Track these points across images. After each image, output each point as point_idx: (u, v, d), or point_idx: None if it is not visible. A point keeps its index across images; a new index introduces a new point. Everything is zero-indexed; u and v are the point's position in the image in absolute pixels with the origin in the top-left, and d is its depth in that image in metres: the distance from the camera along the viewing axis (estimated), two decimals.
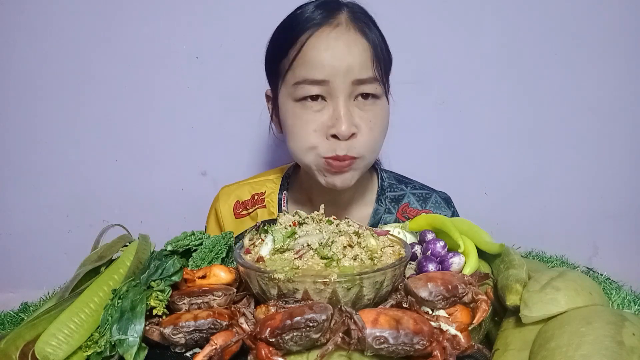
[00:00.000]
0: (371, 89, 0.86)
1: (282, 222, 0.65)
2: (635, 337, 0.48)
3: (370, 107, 0.87)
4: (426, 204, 1.02)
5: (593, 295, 0.57)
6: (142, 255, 0.67)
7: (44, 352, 0.51)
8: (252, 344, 0.51)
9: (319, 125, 0.85)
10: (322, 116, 0.85)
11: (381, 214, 1.00)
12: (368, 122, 0.86)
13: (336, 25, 0.85)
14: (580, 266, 0.95)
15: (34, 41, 1.23)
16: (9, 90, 1.25)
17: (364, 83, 0.85)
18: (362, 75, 0.84)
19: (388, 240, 0.66)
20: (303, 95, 0.85)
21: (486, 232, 0.74)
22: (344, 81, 0.83)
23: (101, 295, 0.59)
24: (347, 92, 0.84)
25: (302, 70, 0.84)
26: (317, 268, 0.56)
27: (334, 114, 0.84)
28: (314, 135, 0.85)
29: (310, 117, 0.85)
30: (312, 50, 0.84)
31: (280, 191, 1.03)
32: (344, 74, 0.83)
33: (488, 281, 0.65)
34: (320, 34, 0.84)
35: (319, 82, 0.83)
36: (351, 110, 0.85)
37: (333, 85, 0.83)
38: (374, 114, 0.87)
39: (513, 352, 0.53)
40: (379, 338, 0.48)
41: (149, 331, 0.56)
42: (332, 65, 0.82)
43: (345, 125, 0.82)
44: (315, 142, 0.86)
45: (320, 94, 0.85)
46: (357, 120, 0.85)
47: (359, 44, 0.85)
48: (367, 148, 0.87)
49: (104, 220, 1.27)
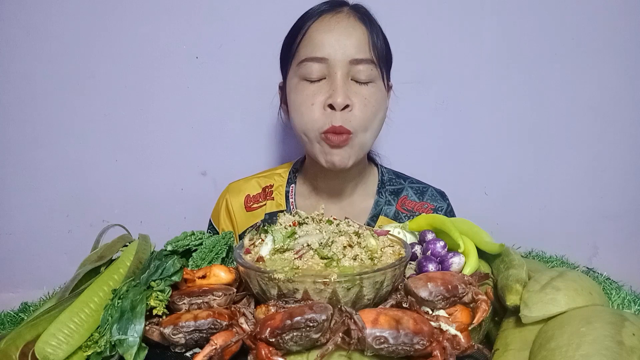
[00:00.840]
0: (367, 71, 0.92)
1: (282, 222, 0.65)
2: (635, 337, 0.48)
3: (365, 87, 0.93)
4: (423, 196, 1.08)
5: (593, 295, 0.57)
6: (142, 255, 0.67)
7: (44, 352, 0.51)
8: (252, 344, 0.51)
9: (318, 99, 0.92)
10: (321, 91, 0.92)
11: (382, 206, 1.06)
12: (363, 99, 0.92)
13: (338, 12, 0.95)
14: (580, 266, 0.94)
15: (34, 41, 1.23)
16: (9, 90, 1.25)
17: (361, 63, 0.91)
18: (359, 56, 0.91)
19: (388, 240, 0.66)
20: (307, 73, 0.93)
21: (486, 232, 0.74)
22: (342, 59, 0.91)
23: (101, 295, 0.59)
24: (344, 70, 0.91)
25: (306, 50, 0.93)
26: (317, 268, 0.56)
27: (332, 87, 0.91)
28: (312, 109, 0.92)
29: (310, 92, 0.93)
30: (315, 32, 0.93)
31: (288, 184, 1.08)
32: (342, 52, 0.90)
33: (488, 281, 0.65)
34: (323, 19, 0.94)
35: (319, 59, 0.91)
36: (348, 87, 0.92)
37: (332, 63, 0.91)
38: (369, 93, 0.93)
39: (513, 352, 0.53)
40: (379, 338, 0.48)
41: (149, 331, 0.56)
42: (331, 44, 0.91)
43: (341, 96, 0.89)
44: (315, 115, 0.92)
45: (320, 72, 0.92)
46: (353, 96, 0.92)
47: (358, 28, 0.93)
48: (361, 124, 0.92)
49: (104, 220, 1.27)
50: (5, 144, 1.28)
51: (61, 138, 1.28)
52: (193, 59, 1.27)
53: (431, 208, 1.07)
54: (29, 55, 1.24)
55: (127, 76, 1.26)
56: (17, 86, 1.25)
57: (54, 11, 1.22)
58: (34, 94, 1.25)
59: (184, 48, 1.26)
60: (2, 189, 1.29)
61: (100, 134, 1.28)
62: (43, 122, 1.27)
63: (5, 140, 1.27)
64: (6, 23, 1.22)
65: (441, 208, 1.07)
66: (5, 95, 1.25)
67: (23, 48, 1.24)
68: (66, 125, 1.28)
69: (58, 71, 1.25)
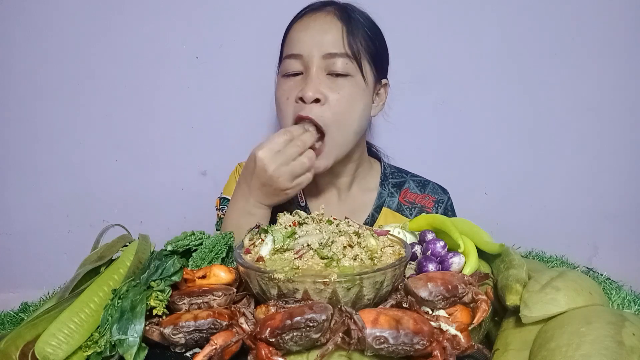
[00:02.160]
0: (342, 65, 0.92)
1: (282, 222, 0.65)
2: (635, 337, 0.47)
3: (341, 82, 0.93)
4: (425, 189, 1.10)
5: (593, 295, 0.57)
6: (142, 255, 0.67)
7: (44, 352, 0.51)
8: (252, 344, 0.51)
9: (292, 94, 0.93)
10: (296, 86, 0.94)
11: (385, 198, 1.07)
12: (337, 95, 0.92)
13: (318, 12, 0.97)
14: (580, 266, 0.95)
15: (34, 41, 1.23)
16: (9, 90, 1.25)
17: (335, 57, 0.92)
18: (333, 50, 0.92)
19: (388, 240, 0.66)
20: (286, 70, 0.95)
21: (486, 232, 0.74)
22: (317, 55, 0.92)
23: (101, 295, 0.59)
24: (319, 65, 0.92)
25: (287, 48, 0.97)
26: (317, 268, 0.56)
27: (304, 81, 0.93)
28: (286, 103, 0.94)
29: (287, 87, 0.95)
30: (294, 31, 0.97)
31: None
32: (317, 48, 0.92)
33: (488, 281, 0.65)
34: (303, 19, 0.97)
35: (296, 56, 0.94)
36: (321, 81, 0.92)
37: (307, 59, 0.93)
38: (343, 88, 0.93)
39: (513, 352, 0.53)
40: (379, 338, 0.48)
41: (149, 331, 0.56)
42: (306, 41, 0.93)
43: (311, 90, 0.90)
44: (288, 110, 0.94)
45: (298, 69, 0.94)
46: (326, 91, 0.92)
47: (333, 25, 0.94)
48: (333, 119, 0.91)
49: (104, 220, 1.27)
50: (5, 144, 1.28)
51: (61, 138, 1.28)
52: (193, 59, 1.27)
53: (433, 200, 1.08)
54: (29, 55, 1.24)
55: (127, 76, 1.26)
56: (17, 86, 1.25)
57: (54, 11, 1.22)
58: (34, 94, 1.26)
59: (184, 48, 1.26)
60: (2, 189, 1.29)
61: (100, 134, 1.28)
62: (43, 122, 1.27)
63: (5, 140, 1.27)
64: (6, 23, 1.22)
65: (442, 200, 1.08)
66: (5, 95, 1.25)
67: (23, 48, 1.24)
68: (66, 125, 1.28)
69: (58, 71, 1.25)
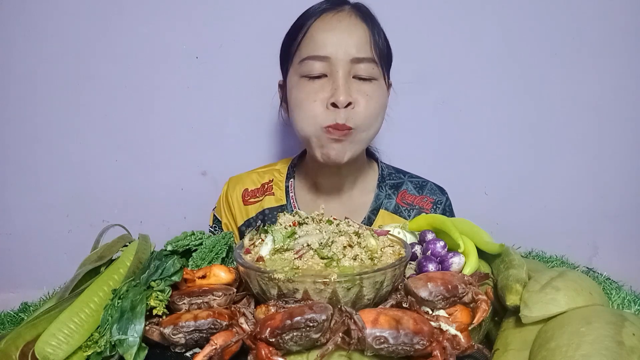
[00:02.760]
0: (368, 69, 0.92)
1: (282, 222, 0.65)
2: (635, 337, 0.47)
3: (367, 85, 0.93)
4: (423, 190, 1.09)
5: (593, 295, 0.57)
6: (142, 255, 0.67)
7: (44, 352, 0.51)
8: (252, 344, 0.51)
9: (320, 97, 0.92)
10: (323, 90, 0.92)
11: (382, 199, 1.06)
12: (365, 96, 0.92)
13: (339, 11, 0.95)
14: (580, 266, 0.95)
15: (34, 41, 1.23)
16: (9, 90, 1.25)
17: (362, 62, 0.92)
18: (361, 54, 0.91)
19: (388, 240, 0.66)
20: (309, 71, 0.93)
21: (486, 232, 0.74)
22: (344, 58, 0.91)
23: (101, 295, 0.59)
24: (346, 69, 0.91)
25: (307, 49, 0.93)
26: (317, 268, 0.56)
27: (334, 85, 0.91)
28: (314, 105, 0.92)
29: (312, 89, 0.93)
30: (316, 31, 0.93)
31: (287, 179, 1.09)
32: (344, 51, 0.91)
33: (488, 281, 0.65)
34: (324, 17, 0.94)
35: (321, 58, 0.91)
36: (350, 85, 0.92)
37: (334, 62, 0.91)
38: (371, 90, 0.93)
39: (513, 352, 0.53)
40: (379, 338, 0.48)
41: (149, 331, 0.56)
42: (333, 43, 0.91)
43: (343, 94, 0.90)
44: (317, 112, 0.92)
45: (322, 70, 0.92)
46: (355, 94, 0.92)
47: (359, 28, 0.93)
48: (364, 120, 0.93)
49: (104, 220, 1.27)
50: (5, 144, 1.28)
51: (61, 138, 1.28)
52: (193, 59, 1.27)
53: (431, 201, 1.07)
54: (29, 55, 1.24)
55: (127, 76, 1.26)
56: (17, 86, 1.25)
57: (54, 11, 1.22)
58: (34, 94, 1.25)
59: (184, 48, 1.26)
60: (2, 189, 1.29)
61: (100, 134, 1.28)
62: (43, 122, 1.27)
63: (5, 140, 1.27)
64: (6, 23, 1.22)
65: (440, 202, 1.08)
66: (5, 95, 1.25)
67: (23, 48, 1.24)
68: (66, 125, 1.27)
69: (58, 71, 1.25)
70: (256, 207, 1.08)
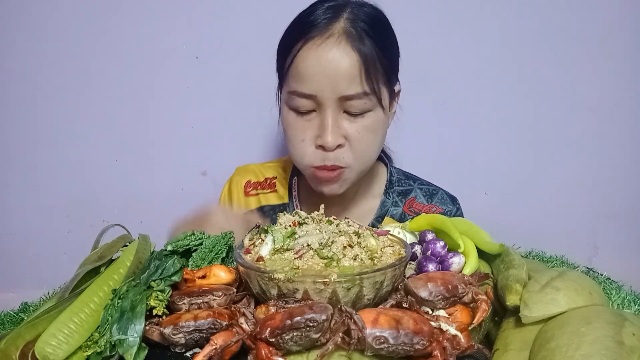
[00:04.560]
0: (359, 105, 0.86)
1: (282, 222, 0.65)
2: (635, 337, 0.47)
3: (359, 120, 0.87)
4: (432, 199, 1.05)
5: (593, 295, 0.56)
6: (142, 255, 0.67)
7: (44, 352, 0.51)
8: (252, 344, 0.51)
9: (308, 135, 0.88)
10: (311, 126, 0.88)
11: (388, 207, 1.03)
12: (357, 134, 0.87)
13: (328, 36, 0.84)
14: (580, 266, 0.95)
15: (34, 41, 1.23)
16: (9, 90, 1.25)
17: (352, 99, 0.85)
18: (349, 92, 0.84)
19: (388, 240, 0.66)
20: (295, 107, 0.88)
21: (486, 232, 0.74)
22: (331, 96, 0.84)
23: (101, 295, 0.59)
24: (334, 107, 0.85)
25: (293, 82, 0.87)
26: (317, 268, 0.56)
27: (322, 125, 0.86)
28: (302, 145, 0.89)
29: (300, 125, 0.89)
30: (302, 63, 0.85)
31: (291, 177, 1.07)
32: (332, 89, 0.84)
33: (488, 281, 0.65)
34: (310, 46, 0.84)
35: (307, 95, 0.86)
36: (339, 122, 0.86)
37: (320, 100, 0.85)
38: (363, 126, 0.88)
39: (513, 352, 0.53)
40: (379, 338, 0.48)
41: (149, 331, 0.56)
42: (319, 81, 0.84)
43: (331, 136, 0.85)
44: (305, 152, 0.89)
45: (310, 107, 0.87)
46: (346, 131, 0.87)
47: (348, 58, 0.83)
48: (355, 159, 0.89)
49: (104, 220, 1.27)
50: (5, 144, 1.28)
51: (61, 138, 1.28)
52: (193, 59, 1.27)
53: (439, 212, 1.03)
54: (29, 55, 1.24)
55: (127, 76, 1.26)
56: (17, 86, 1.25)
57: (54, 11, 1.22)
58: (34, 94, 1.26)
59: (184, 48, 1.26)
60: (2, 189, 1.29)
61: (100, 134, 1.28)
62: (43, 122, 1.27)
63: (5, 140, 1.27)
64: (6, 23, 1.22)
65: (449, 212, 1.03)
66: (5, 95, 1.25)
67: (23, 48, 1.24)
68: (66, 125, 1.28)
69: (58, 71, 1.25)
70: (256, 201, 1.06)
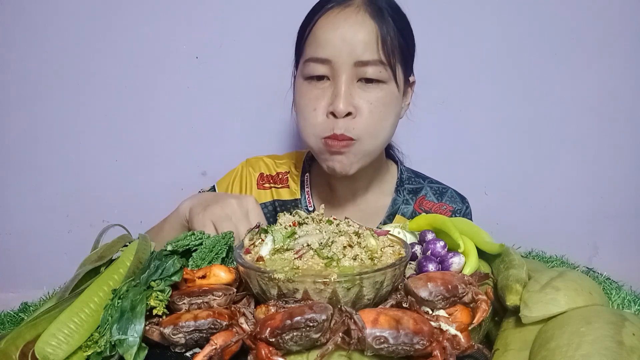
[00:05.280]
0: (375, 72, 0.85)
1: (282, 222, 0.65)
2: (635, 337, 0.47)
3: (373, 90, 0.86)
4: (442, 197, 1.05)
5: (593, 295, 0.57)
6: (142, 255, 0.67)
7: (44, 352, 0.51)
8: (252, 344, 0.51)
9: (321, 104, 0.87)
10: (324, 95, 0.87)
11: (399, 205, 1.02)
12: (369, 105, 0.86)
13: (347, 6, 0.86)
14: (580, 266, 0.95)
15: (34, 41, 1.23)
16: (9, 90, 1.25)
17: (367, 65, 0.84)
18: (365, 57, 0.84)
19: (388, 240, 0.66)
20: (310, 74, 0.87)
21: (486, 232, 0.74)
22: (347, 61, 0.84)
23: (101, 295, 0.59)
24: (349, 73, 0.85)
25: (310, 49, 0.88)
26: (317, 268, 0.56)
27: (334, 92, 0.85)
28: (314, 114, 0.87)
29: (313, 95, 0.88)
30: (320, 29, 0.86)
31: (303, 173, 1.05)
32: (347, 54, 0.84)
33: (488, 281, 0.65)
34: (329, 14, 0.86)
35: (322, 60, 0.85)
36: (352, 91, 0.85)
37: (335, 65, 0.85)
38: (376, 97, 0.86)
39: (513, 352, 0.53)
40: (379, 338, 0.48)
41: (149, 331, 0.56)
42: (335, 45, 0.84)
43: (342, 103, 0.84)
44: (316, 121, 0.87)
45: (324, 73, 0.86)
46: (358, 102, 0.86)
47: (366, 26, 0.85)
48: (365, 131, 0.87)
49: (104, 220, 1.27)
50: (5, 144, 1.28)
51: (61, 138, 1.28)
52: (193, 59, 1.27)
53: (450, 210, 1.03)
54: (29, 55, 1.24)
55: (127, 76, 1.26)
56: (17, 86, 1.25)
57: (54, 11, 1.22)
58: (34, 94, 1.26)
59: (184, 48, 1.26)
60: (2, 189, 1.29)
61: (100, 134, 1.28)
62: (43, 122, 1.27)
63: (5, 140, 1.27)
64: (6, 23, 1.22)
65: (459, 210, 1.03)
66: (5, 95, 1.25)
67: (23, 48, 1.24)
68: (66, 125, 1.27)
69: (58, 71, 1.25)
70: (269, 194, 1.05)
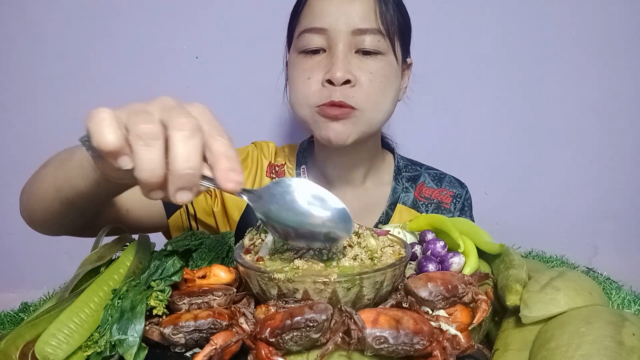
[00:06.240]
0: (373, 42, 0.82)
1: None
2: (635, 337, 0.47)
3: (371, 61, 0.83)
4: (441, 183, 1.03)
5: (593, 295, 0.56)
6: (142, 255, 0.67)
7: (44, 352, 0.51)
8: (252, 344, 0.51)
9: (315, 74, 0.83)
10: (319, 66, 0.83)
11: (399, 193, 0.99)
12: (368, 74, 0.82)
13: None
14: (580, 266, 0.95)
15: (34, 41, 1.23)
16: (9, 90, 1.25)
17: (365, 34, 0.81)
18: (364, 25, 0.81)
19: (388, 240, 0.66)
20: (305, 46, 0.84)
21: (486, 232, 0.74)
22: (344, 29, 0.81)
23: (101, 295, 0.59)
24: (346, 42, 0.82)
25: (305, 20, 0.84)
26: (317, 268, 0.56)
27: (331, 60, 0.82)
28: (307, 84, 0.83)
29: (308, 66, 0.84)
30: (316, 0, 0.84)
31: (298, 165, 1.02)
32: (344, 22, 0.81)
33: (488, 281, 0.65)
34: None
35: (319, 30, 0.82)
36: (350, 60, 0.82)
37: (332, 34, 0.81)
38: (376, 67, 0.83)
39: (513, 352, 0.53)
40: (379, 338, 0.48)
41: (149, 331, 0.56)
42: (333, 13, 0.81)
43: (340, 70, 0.80)
44: (310, 91, 0.83)
45: (321, 45, 0.83)
46: (356, 71, 0.82)
47: None
48: (366, 100, 0.83)
49: None
50: (6, 144, 1.28)
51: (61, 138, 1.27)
52: (193, 59, 1.27)
53: (450, 195, 1.01)
54: (29, 55, 1.24)
55: (127, 76, 1.26)
56: (17, 86, 1.25)
57: (54, 11, 1.22)
58: (34, 94, 1.26)
59: (184, 48, 1.26)
60: (2, 189, 1.29)
61: None
62: (43, 122, 1.27)
63: (6, 140, 1.27)
64: (6, 23, 1.22)
65: (460, 195, 1.01)
66: (5, 95, 1.25)
67: (23, 48, 1.24)
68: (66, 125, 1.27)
69: (58, 71, 1.25)
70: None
